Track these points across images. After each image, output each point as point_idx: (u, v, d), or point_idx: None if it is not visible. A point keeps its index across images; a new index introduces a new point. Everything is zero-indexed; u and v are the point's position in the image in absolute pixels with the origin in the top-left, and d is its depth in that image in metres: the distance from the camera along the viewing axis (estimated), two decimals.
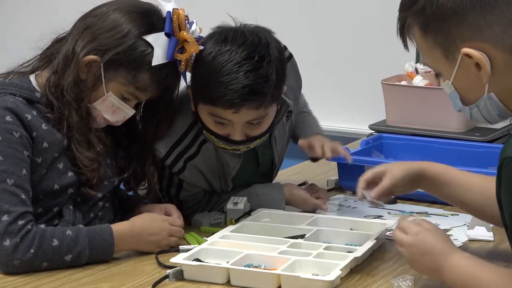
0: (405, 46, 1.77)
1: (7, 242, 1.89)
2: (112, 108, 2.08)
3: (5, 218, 1.90)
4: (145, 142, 2.21)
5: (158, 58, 2.04)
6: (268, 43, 2.12)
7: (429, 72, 3.11)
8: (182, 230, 2.14)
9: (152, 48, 2.04)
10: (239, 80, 2.04)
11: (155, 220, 2.11)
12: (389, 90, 3.13)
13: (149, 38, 2.04)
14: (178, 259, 1.95)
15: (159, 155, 2.22)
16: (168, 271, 1.94)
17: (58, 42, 2.12)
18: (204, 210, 2.34)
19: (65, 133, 2.04)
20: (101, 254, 2.00)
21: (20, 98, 2.02)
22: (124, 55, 2.03)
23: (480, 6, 1.62)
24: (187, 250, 2.01)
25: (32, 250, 1.91)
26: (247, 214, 2.26)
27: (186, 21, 2.08)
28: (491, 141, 2.96)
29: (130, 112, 2.11)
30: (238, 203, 2.28)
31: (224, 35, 2.10)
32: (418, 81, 3.11)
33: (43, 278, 1.94)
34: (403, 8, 1.74)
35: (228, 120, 2.11)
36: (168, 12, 2.06)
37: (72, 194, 2.09)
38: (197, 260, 1.95)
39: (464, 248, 2.14)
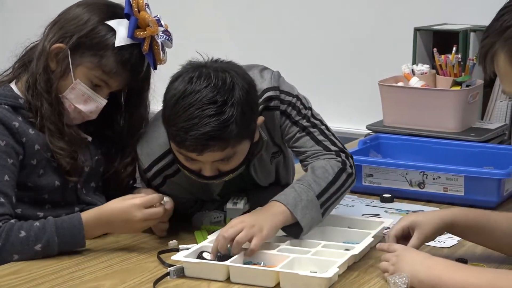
0: (485, 71, 1.73)
1: None
2: (83, 97, 2.12)
3: None
4: (121, 135, 2.24)
5: (121, 39, 2.10)
6: (234, 83, 2.03)
7: (425, 73, 3.11)
8: (161, 213, 2.09)
9: (115, 32, 2.10)
10: (199, 126, 1.98)
11: (124, 203, 2.08)
12: (386, 91, 3.13)
13: (111, 22, 2.12)
14: (179, 256, 1.95)
15: (141, 165, 2.22)
16: (169, 268, 1.94)
17: (33, 48, 2.18)
18: (200, 211, 2.32)
19: (39, 124, 2.10)
20: (72, 240, 2.03)
21: (6, 106, 2.08)
22: (87, 39, 2.10)
23: None
24: (187, 249, 2.01)
25: None
26: (246, 213, 2.25)
27: (146, 7, 2.13)
28: (486, 141, 2.96)
29: (102, 101, 2.14)
30: (238, 202, 2.27)
31: (190, 76, 2.03)
32: (415, 82, 3.11)
33: (46, 276, 1.94)
34: (491, 34, 1.68)
35: (195, 160, 2.06)
36: None
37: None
38: (201, 255, 1.95)
39: (459, 245, 2.14)
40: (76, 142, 2.15)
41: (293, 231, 2.07)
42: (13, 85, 2.16)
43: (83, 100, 2.12)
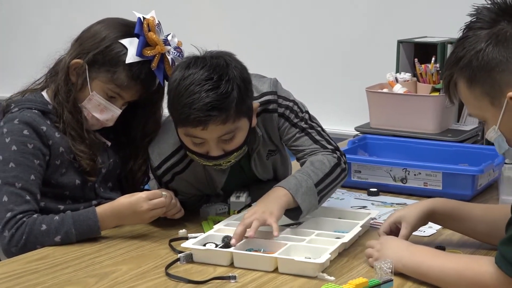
0: (451, 101, 1.73)
1: (5, 233, 1.99)
2: (99, 107, 2.13)
3: (8, 214, 2.00)
4: (135, 139, 2.24)
5: (131, 56, 2.10)
6: (227, 63, 2.04)
7: (407, 81, 3.11)
8: (163, 201, 2.09)
9: (126, 49, 2.11)
10: (200, 99, 1.98)
11: (132, 197, 2.09)
12: (373, 96, 3.13)
13: (125, 41, 2.11)
14: (188, 244, 1.95)
15: (152, 164, 2.22)
16: (179, 254, 1.94)
17: (61, 61, 2.18)
18: (206, 204, 2.32)
19: (62, 130, 2.11)
20: (89, 231, 2.04)
21: (35, 111, 2.10)
22: (102, 55, 2.11)
23: None
24: (195, 238, 2.01)
25: (24, 237, 1.99)
26: (248, 206, 2.25)
27: (157, 27, 2.13)
28: (461, 141, 2.96)
29: (117, 110, 2.15)
30: (240, 196, 2.28)
31: (187, 62, 2.05)
32: (398, 88, 3.11)
33: (69, 261, 1.94)
34: (449, 66, 1.68)
35: (201, 138, 2.04)
36: (139, 17, 2.12)
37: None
38: (205, 245, 1.95)
39: (437, 234, 2.14)
40: (95, 146, 2.16)
41: (293, 214, 2.08)
42: (44, 93, 2.17)
43: (99, 109, 2.13)
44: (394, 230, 2.00)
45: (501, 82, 1.60)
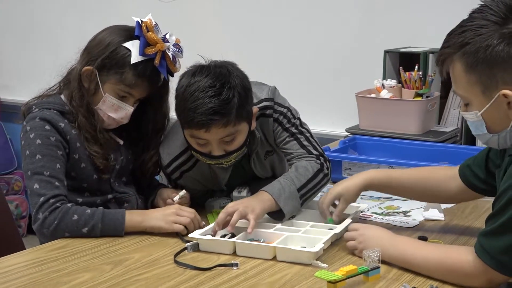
0: (441, 73, 1.69)
1: (39, 215, 1.99)
2: (113, 107, 2.12)
3: (41, 199, 2.00)
4: (146, 133, 2.23)
5: (135, 56, 2.09)
6: (230, 72, 2.04)
7: (393, 87, 3.11)
8: (188, 211, 2.08)
9: (131, 52, 2.10)
10: (204, 104, 1.98)
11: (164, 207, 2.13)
12: (362, 101, 3.12)
13: (127, 44, 2.11)
14: (194, 234, 1.95)
15: (163, 162, 2.21)
16: (187, 244, 1.94)
17: (72, 70, 2.18)
18: (211, 198, 2.32)
19: (78, 132, 2.10)
20: (113, 230, 2.02)
21: (54, 111, 2.10)
22: (109, 59, 2.10)
23: None
24: (201, 228, 2.00)
25: (56, 222, 1.98)
26: None
27: (155, 27, 2.12)
28: (442, 142, 2.96)
29: (130, 108, 2.14)
30: (241, 191, 2.28)
31: (193, 71, 2.06)
32: (384, 94, 3.10)
33: (87, 250, 1.95)
34: (452, 45, 1.63)
35: (204, 139, 2.05)
36: (137, 21, 2.12)
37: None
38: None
39: (420, 226, 2.14)
40: (108, 146, 2.15)
41: (277, 216, 2.08)
42: (62, 96, 2.17)
43: (113, 109, 2.13)
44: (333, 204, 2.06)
45: (499, 78, 1.58)
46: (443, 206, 2.31)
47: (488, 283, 1.64)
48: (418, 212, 2.27)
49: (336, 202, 2.06)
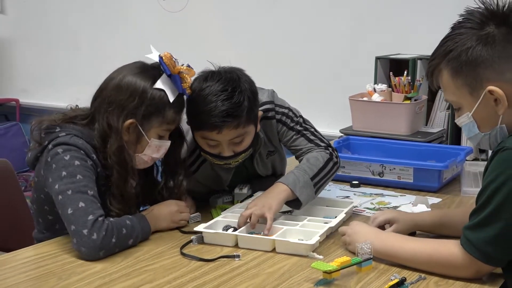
0: (432, 85, 1.69)
1: (94, 236, 1.79)
2: (156, 148, 1.99)
3: (90, 217, 1.80)
4: (174, 158, 2.09)
5: (172, 94, 1.95)
6: (239, 77, 2.02)
7: (384, 91, 3.10)
8: (188, 208, 2.07)
9: (164, 91, 1.94)
10: (217, 107, 1.96)
11: (166, 203, 2.05)
12: (355, 104, 3.12)
13: (157, 84, 1.93)
14: (200, 227, 1.94)
15: None
16: (192, 236, 1.93)
17: (95, 107, 1.98)
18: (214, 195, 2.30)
19: (103, 183, 1.94)
20: (146, 235, 1.95)
21: (85, 142, 1.92)
22: (150, 107, 1.93)
23: (505, 56, 1.57)
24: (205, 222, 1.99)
25: (113, 240, 1.83)
26: (249, 196, 2.24)
27: (174, 60, 1.98)
28: (429, 142, 2.95)
29: (168, 143, 2.02)
30: (243, 188, 2.27)
31: (205, 76, 2.03)
32: (376, 97, 3.10)
33: None
34: (437, 56, 1.64)
35: (215, 140, 2.03)
36: (160, 58, 1.95)
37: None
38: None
39: None
40: (131, 202, 1.98)
41: (294, 205, 2.06)
42: (89, 130, 1.96)
43: (156, 150, 1.99)
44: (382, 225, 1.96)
45: (483, 77, 1.58)
46: (430, 201, 2.30)
47: (477, 274, 1.63)
48: (407, 207, 2.26)
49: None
